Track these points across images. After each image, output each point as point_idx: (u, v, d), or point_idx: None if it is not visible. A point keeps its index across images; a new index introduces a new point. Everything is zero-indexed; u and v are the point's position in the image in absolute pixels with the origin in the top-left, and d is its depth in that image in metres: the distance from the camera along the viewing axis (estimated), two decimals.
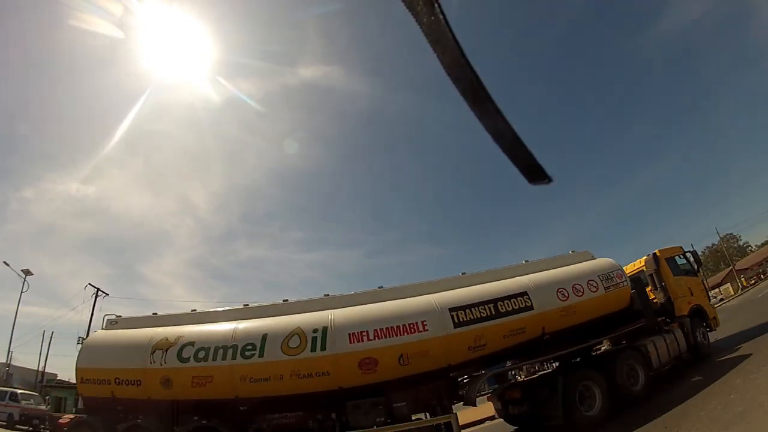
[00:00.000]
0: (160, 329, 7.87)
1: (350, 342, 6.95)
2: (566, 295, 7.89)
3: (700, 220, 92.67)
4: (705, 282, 18.15)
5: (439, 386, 7.51)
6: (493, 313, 7.46)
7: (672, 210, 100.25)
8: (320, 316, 7.35)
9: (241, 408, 7.13)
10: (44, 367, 36.74)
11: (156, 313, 8.67)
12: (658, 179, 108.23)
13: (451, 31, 0.79)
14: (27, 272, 31.58)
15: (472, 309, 7.42)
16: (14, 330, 37.45)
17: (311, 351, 6.88)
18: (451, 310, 7.36)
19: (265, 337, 7.08)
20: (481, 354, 7.45)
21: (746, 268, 44.75)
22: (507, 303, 7.57)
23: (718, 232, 55.78)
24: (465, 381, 8.06)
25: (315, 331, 7.01)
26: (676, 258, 9.83)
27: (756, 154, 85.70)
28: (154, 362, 7.28)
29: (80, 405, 18.73)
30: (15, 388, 24.07)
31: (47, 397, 27.67)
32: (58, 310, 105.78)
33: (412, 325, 7.13)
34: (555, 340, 7.92)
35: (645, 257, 9.78)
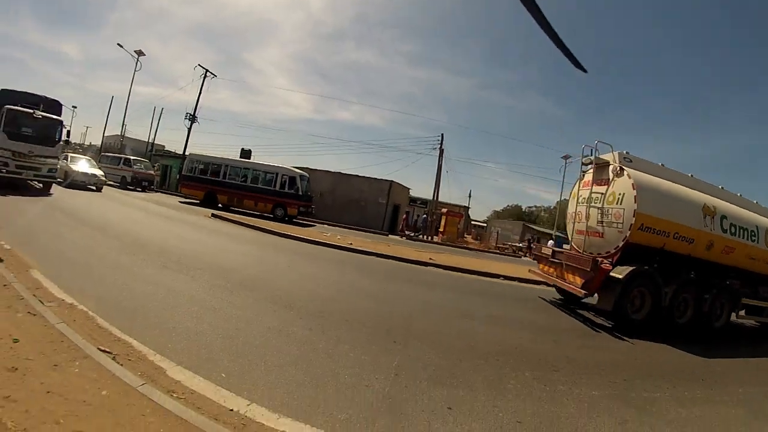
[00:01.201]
0: (682, 188, 8.35)
1: None
2: None
3: None
4: None
5: None
6: None
7: None
8: None
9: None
10: (153, 138, 41.60)
11: (663, 165, 8.73)
12: None
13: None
14: (139, 53, 33.76)
15: None
16: (128, 106, 43.84)
17: None
18: None
19: (757, 229, 8.80)
20: None
21: None
22: None
23: None
24: None
25: None
26: None
27: None
28: (707, 226, 8.08)
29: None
30: (128, 155, 26.92)
31: (155, 165, 31.42)
32: (166, 90, 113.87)
33: None
34: None
35: None
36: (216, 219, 15.12)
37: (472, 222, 53.63)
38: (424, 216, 29.78)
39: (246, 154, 23.62)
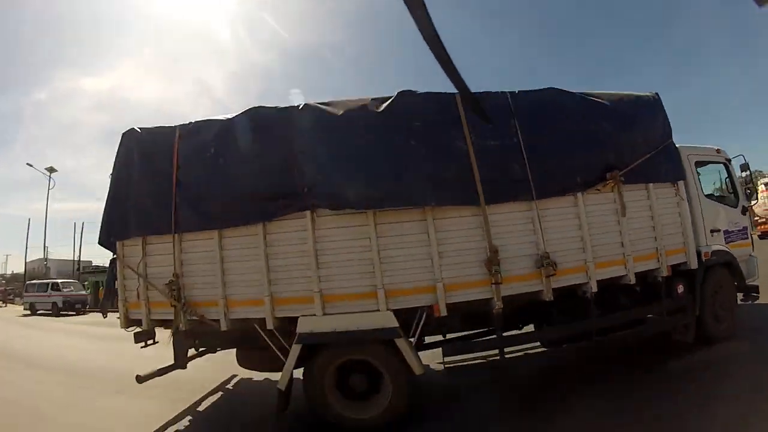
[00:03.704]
0: None
1: None
2: None
3: None
4: None
5: None
6: None
7: None
8: None
9: None
10: (79, 256, 38.55)
11: None
12: None
13: (430, 20, 1.07)
14: (51, 169, 32.60)
15: None
16: (47, 227, 41.13)
17: None
18: None
19: None
20: None
21: None
22: None
23: None
24: None
25: None
26: None
27: None
28: None
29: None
30: (54, 279, 26.12)
31: (85, 283, 29.05)
32: (85, 203, 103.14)
33: None
34: None
35: None
36: None
37: None
38: None
39: None
